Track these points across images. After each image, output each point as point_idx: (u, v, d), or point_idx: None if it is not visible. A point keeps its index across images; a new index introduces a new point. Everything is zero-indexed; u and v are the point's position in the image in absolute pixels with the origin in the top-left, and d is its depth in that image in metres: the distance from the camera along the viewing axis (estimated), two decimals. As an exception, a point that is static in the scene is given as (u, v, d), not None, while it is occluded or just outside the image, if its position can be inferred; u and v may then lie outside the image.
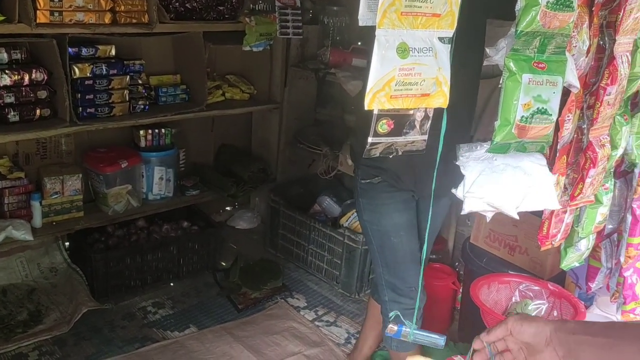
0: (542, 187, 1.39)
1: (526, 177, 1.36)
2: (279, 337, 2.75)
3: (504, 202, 1.34)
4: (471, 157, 1.40)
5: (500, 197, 1.34)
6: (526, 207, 1.39)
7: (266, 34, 3.19)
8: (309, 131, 3.61)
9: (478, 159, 1.39)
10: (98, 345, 2.61)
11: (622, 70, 1.37)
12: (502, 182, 1.35)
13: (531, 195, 1.38)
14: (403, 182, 1.95)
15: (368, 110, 1.00)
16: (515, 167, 1.37)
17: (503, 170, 1.36)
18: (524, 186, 1.36)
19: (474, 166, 1.38)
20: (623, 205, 1.79)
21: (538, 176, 1.38)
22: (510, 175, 1.35)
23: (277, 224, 3.45)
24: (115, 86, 2.81)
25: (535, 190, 1.38)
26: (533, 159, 1.39)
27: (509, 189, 1.35)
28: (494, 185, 1.34)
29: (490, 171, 1.36)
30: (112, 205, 2.93)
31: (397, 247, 2.01)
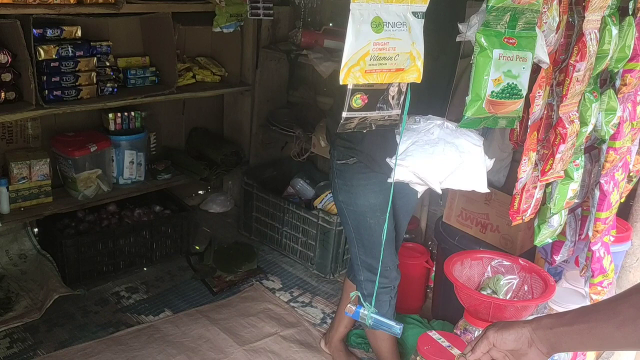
0: (472, 167, 1.38)
1: (458, 154, 1.36)
2: (255, 319, 2.76)
3: (429, 174, 1.34)
4: (409, 127, 1.40)
5: (426, 169, 1.33)
6: (452, 184, 1.38)
7: (236, 14, 3.15)
8: (281, 113, 3.60)
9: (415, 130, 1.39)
10: (71, 331, 2.58)
11: (590, 47, 1.40)
12: (431, 155, 1.34)
13: (460, 173, 1.37)
14: (377, 163, 1.96)
15: (343, 87, 1.00)
16: (448, 142, 1.36)
17: (435, 143, 1.36)
18: (454, 162, 1.35)
19: (409, 136, 1.37)
20: (587, 181, 1.83)
21: (470, 155, 1.37)
22: (441, 149, 1.34)
23: (250, 207, 3.44)
24: (82, 68, 2.75)
25: (464, 169, 1.37)
26: (469, 138, 1.38)
27: (436, 162, 1.34)
28: (423, 157, 1.33)
29: (423, 142, 1.35)
30: (81, 190, 2.88)
31: (372, 228, 2.02)
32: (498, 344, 1.10)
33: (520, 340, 1.07)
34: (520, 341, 1.07)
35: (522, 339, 1.07)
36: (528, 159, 1.46)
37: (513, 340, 1.08)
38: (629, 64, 1.63)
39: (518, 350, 1.08)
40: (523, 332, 1.07)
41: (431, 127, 1.30)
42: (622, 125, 1.70)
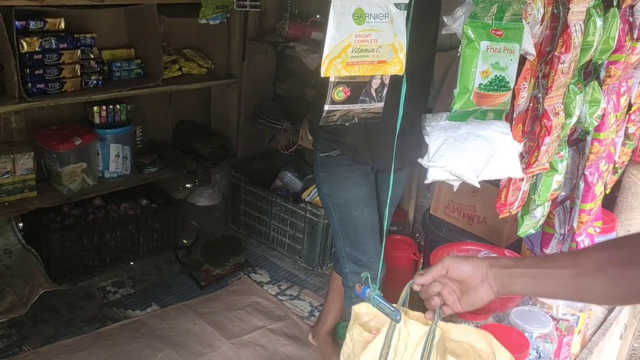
0: (504, 156, 1.39)
1: (489, 146, 1.36)
2: (243, 313, 2.75)
3: (465, 170, 1.34)
4: (436, 126, 1.40)
5: (461, 165, 1.34)
6: (488, 175, 1.39)
7: (223, 6, 3.13)
8: (269, 106, 3.58)
9: (443, 128, 1.39)
10: (57, 326, 2.56)
11: (575, 38, 1.39)
12: (464, 151, 1.34)
13: (493, 163, 1.37)
14: (361, 155, 1.96)
15: (325, 80, 0.99)
16: (477, 135, 1.37)
17: (465, 139, 1.36)
18: (486, 154, 1.35)
19: (437, 135, 1.37)
20: (575, 173, 1.84)
21: (501, 144, 1.38)
22: (472, 143, 1.34)
23: (238, 200, 3.43)
24: (65, 61, 2.72)
25: (497, 159, 1.37)
26: (496, 127, 1.39)
27: (471, 157, 1.34)
28: (456, 154, 1.34)
29: (454, 140, 1.36)
30: (66, 184, 2.85)
31: (357, 220, 2.02)
32: (451, 272, 1.09)
33: (475, 273, 1.07)
34: (474, 275, 1.07)
35: (476, 272, 1.06)
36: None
37: (468, 271, 1.07)
38: (614, 56, 1.63)
39: (469, 282, 1.07)
40: (479, 266, 1.07)
41: (457, 122, 1.29)
42: (607, 117, 1.70)
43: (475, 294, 1.08)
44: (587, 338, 2.13)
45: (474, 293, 1.08)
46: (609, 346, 2.20)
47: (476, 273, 1.07)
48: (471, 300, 1.09)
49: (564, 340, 1.84)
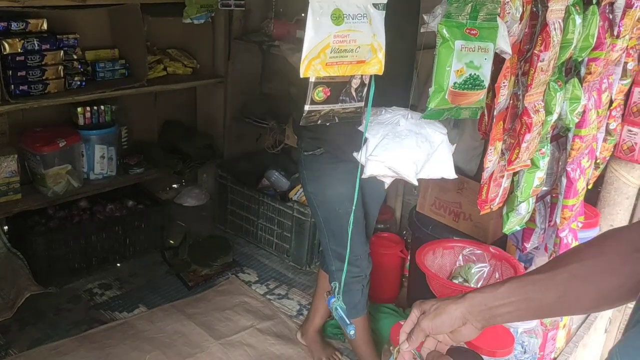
0: (440, 155, 1.39)
1: (428, 144, 1.36)
2: (231, 312, 2.75)
3: (405, 167, 1.33)
4: (375, 121, 1.39)
5: (401, 162, 1.33)
6: (426, 174, 1.39)
7: (207, 5, 3.12)
8: (255, 105, 3.57)
9: (382, 123, 1.39)
10: (44, 329, 2.55)
11: (554, 36, 1.40)
12: (404, 147, 1.34)
13: (432, 162, 1.38)
14: (345, 152, 1.96)
15: (305, 79, 0.99)
16: (417, 133, 1.37)
17: (406, 135, 1.36)
18: (426, 153, 1.36)
19: (377, 129, 1.37)
20: (555, 169, 1.86)
21: (438, 144, 1.38)
22: (412, 141, 1.34)
23: (225, 199, 3.42)
24: (48, 62, 2.70)
25: (435, 158, 1.38)
26: (435, 127, 1.39)
27: (411, 154, 1.34)
28: (396, 150, 1.33)
29: (394, 135, 1.35)
30: (51, 186, 2.83)
31: (342, 217, 2.02)
32: (434, 332, 1.07)
33: (454, 323, 1.06)
34: (454, 324, 1.06)
35: (456, 321, 1.05)
36: (494, 149, 1.47)
37: (448, 325, 1.06)
38: (594, 53, 1.65)
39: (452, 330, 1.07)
40: (455, 316, 1.05)
41: (397, 119, 1.30)
42: (588, 114, 1.72)
43: (460, 333, 1.08)
44: (572, 332, 2.15)
45: (459, 333, 1.08)
46: (593, 340, 2.22)
47: (456, 323, 1.06)
48: (459, 338, 1.09)
49: (549, 335, 1.86)
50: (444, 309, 1.05)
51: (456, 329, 1.06)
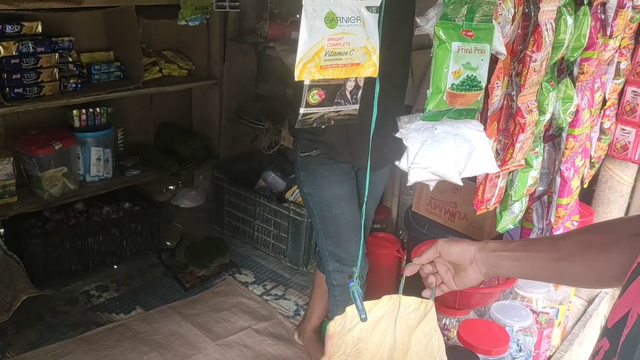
0: (481, 152, 1.41)
1: (467, 143, 1.38)
2: (228, 313, 2.76)
3: (448, 169, 1.35)
4: (412, 128, 1.41)
5: (444, 165, 1.35)
6: (469, 172, 1.41)
7: (202, 7, 3.12)
8: (250, 106, 3.58)
9: (419, 130, 1.41)
10: (40, 332, 2.55)
11: (546, 37, 1.42)
12: (444, 151, 1.36)
13: (473, 160, 1.40)
14: (341, 154, 1.97)
15: (300, 82, 1.00)
16: (455, 134, 1.38)
17: (444, 138, 1.37)
18: (466, 152, 1.38)
19: (415, 137, 1.39)
20: (552, 168, 1.87)
21: (477, 142, 1.40)
22: (451, 143, 1.36)
23: (222, 201, 3.42)
24: (43, 64, 2.70)
25: (476, 156, 1.40)
26: (471, 125, 1.40)
27: (452, 156, 1.36)
28: (437, 154, 1.35)
29: (432, 140, 1.37)
30: (47, 188, 2.83)
31: (338, 218, 2.03)
32: (444, 254, 1.17)
33: (464, 255, 1.15)
34: (463, 256, 1.15)
35: (466, 254, 1.15)
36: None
37: (458, 253, 1.15)
38: (586, 53, 1.66)
39: (459, 264, 1.16)
40: (468, 249, 1.15)
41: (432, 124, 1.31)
42: (581, 113, 1.74)
43: (465, 274, 1.17)
44: (567, 330, 2.17)
45: (464, 274, 1.17)
46: (589, 338, 2.24)
47: (465, 255, 1.15)
48: (463, 280, 1.18)
49: (544, 333, 1.87)
50: (461, 240, 1.18)
51: (462, 268, 1.15)
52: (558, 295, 1.97)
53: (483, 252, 1.14)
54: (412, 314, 1.27)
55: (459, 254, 1.15)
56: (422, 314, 1.26)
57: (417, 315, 1.27)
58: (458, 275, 1.19)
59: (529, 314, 1.76)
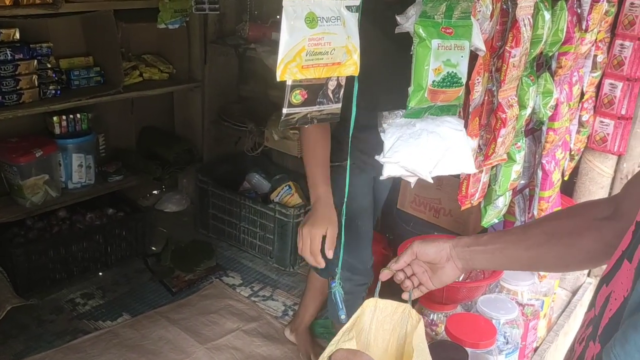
0: (458, 152, 1.42)
1: (442, 142, 1.39)
2: (216, 316, 2.75)
3: (418, 165, 1.37)
4: (392, 124, 1.43)
5: (414, 161, 1.36)
6: (442, 171, 1.42)
7: (181, 10, 3.10)
8: (233, 108, 3.57)
9: (398, 126, 1.42)
10: (26, 341, 2.52)
11: (525, 32, 1.43)
12: (417, 147, 1.37)
13: (447, 159, 1.41)
14: (366, 162, 1.91)
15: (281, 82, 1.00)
16: (431, 132, 1.40)
17: (419, 135, 1.39)
18: (439, 150, 1.39)
19: (392, 132, 1.40)
20: (533, 162, 1.89)
21: (454, 141, 1.41)
22: (425, 140, 1.37)
23: (206, 204, 3.41)
24: (22, 71, 2.67)
25: (450, 155, 1.41)
26: (449, 124, 1.42)
27: (423, 153, 1.37)
28: (410, 150, 1.36)
29: (408, 136, 1.39)
30: (29, 197, 2.80)
31: (360, 230, 2.01)
32: (420, 255, 1.20)
33: (439, 254, 1.18)
34: (439, 255, 1.18)
35: (441, 252, 1.18)
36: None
37: (433, 252, 1.18)
38: (564, 47, 1.68)
39: (436, 263, 1.19)
40: (443, 247, 1.18)
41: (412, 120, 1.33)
42: (560, 107, 1.76)
43: (443, 272, 1.19)
44: (553, 321, 2.20)
45: (442, 272, 1.20)
46: (574, 328, 2.27)
47: (441, 253, 1.18)
48: (441, 278, 1.21)
49: (530, 325, 1.89)
50: (435, 240, 1.20)
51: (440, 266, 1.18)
52: (543, 287, 2.00)
53: (457, 248, 1.17)
54: (389, 317, 1.28)
55: (435, 252, 1.18)
56: (400, 317, 1.27)
57: (393, 319, 1.28)
58: (435, 274, 1.21)
59: (514, 307, 1.78)
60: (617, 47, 2.14)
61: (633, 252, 0.65)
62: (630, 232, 0.70)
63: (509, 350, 1.72)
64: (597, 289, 0.74)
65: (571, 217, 1.07)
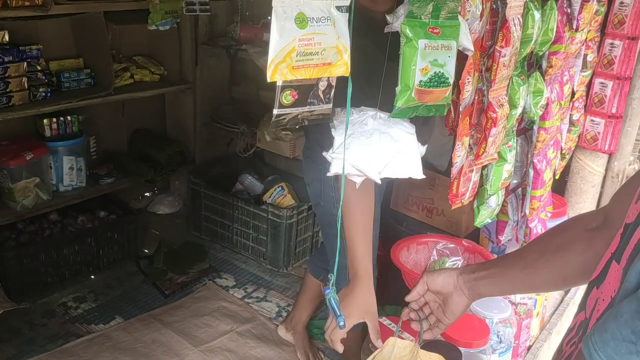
0: (408, 155, 1.40)
1: (393, 144, 1.36)
2: (210, 318, 2.74)
3: (367, 165, 1.35)
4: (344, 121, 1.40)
5: (363, 160, 1.34)
6: (390, 172, 1.39)
7: (172, 11, 3.09)
8: (225, 110, 3.56)
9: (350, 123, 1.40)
10: (18, 345, 2.50)
11: (514, 32, 1.44)
12: (367, 146, 1.35)
13: (397, 161, 1.38)
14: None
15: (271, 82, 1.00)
16: (383, 132, 1.38)
17: (371, 134, 1.37)
18: (391, 152, 1.37)
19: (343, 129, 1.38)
20: (524, 161, 1.90)
21: (405, 144, 1.39)
22: (376, 139, 1.35)
23: (199, 206, 3.40)
24: (12, 74, 2.65)
25: (401, 158, 1.39)
26: (402, 127, 1.40)
27: (374, 153, 1.35)
28: (360, 148, 1.35)
29: (359, 134, 1.37)
30: (19, 200, 2.78)
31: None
32: (430, 284, 1.23)
33: (447, 281, 1.20)
34: (447, 283, 1.20)
35: (449, 281, 1.20)
36: (462, 144, 1.50)
37: (441, 281, 1.21)
38: (554, 47, 1.69)
39: (445, 292, 1.21)
40: (451, 275, 1.20)
41: (365, 119, 1.31)
42: (551, 106, 1.77)
43: (452, 301, 1.21)
44: (546, 320, 2.20)
45: (451, 301, 1.21)
46: (566, 326, 2.27)
47: (448, 281, 1.20)
48: (452, 308, 1.22)
49: (523, 324, 1.90)
50: (444, 270, 1.23)
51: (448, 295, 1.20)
52: (536, 293, 2.01)
53: (463, 275, 1.19)
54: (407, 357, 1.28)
55: (443, 280, 1.20)
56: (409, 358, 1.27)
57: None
58: (447, 306, 1.22)
59: (507, 306, 1.78)
60: (607, 46, 2.15)
61: (621, 253, 0.66)
62: (618, 234, 0.70)
63: (503, 349, 1.73)
64: (587, 292, 0.74)
65: (562, 232, 1.09)
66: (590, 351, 0.60)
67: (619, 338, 0.58)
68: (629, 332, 0.57)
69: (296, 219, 3.10)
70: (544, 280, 1.07)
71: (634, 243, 0.64)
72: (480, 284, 1.15)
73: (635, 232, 0.65)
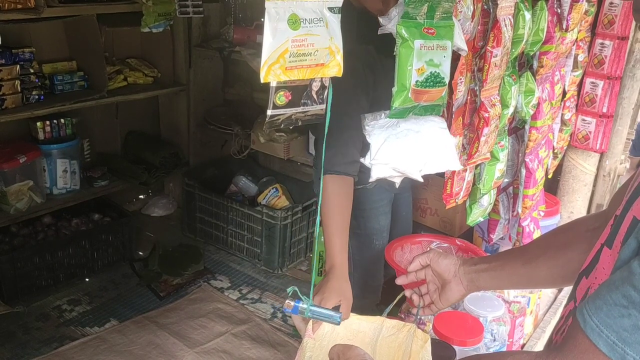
0: (443, 150, 1.44)
1: (428, 141, 1.42)
2: (205, 320, 2.74)
3: (408, 166, 1.39)
4: (376, 125, 1.44)
5: (404, 161, 1.39)
6: (430, 169, 1.45)
7: (165, 13, 3.09)
8: (218, 112, 3.57)
9: (382, 127, 1.43)
10: (13, 349, 2.49)
11: (505, 32, 1.45)
12: (405, 147, 1.40)
13: (433, 157, 1.43)
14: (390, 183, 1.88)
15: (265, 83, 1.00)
16: (417, 131, 1.42)
17: (406, 135, 1.41)
18: (426, 149, 1.42)
19: (378, 134, 1.41)
20: (516, 160, 1.91)
21: (439, 139, 1.43)
22: (412, 140, 1.40)
23: (193, 207, 3.40)
24: (4, 77, 2.65)
25: (436, 153, 1.43)
26: (433, 123, 1.44)
27: (412, 153, 1.40)
28: (398, 151, 1.39)
29: (395, 138, 1.40)
30: (13, 203, 2.78)
31: (376, 249, 1.99)
32: (433, 263, 1.26)
33: (449, 268, 1.23)
34: (448, 269, 1.23)
35: (450, 267, 1.23)
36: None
37: (445, 265, 1.24)
38: (545, 47, 1.70)
39: (444, 277, 1.24)
40: (454, 263, 1.23)
41: (395, 121, 1.34)
42: (542, 105, 1.78)
43: (449, 288, 1.24)
44: (539, 318, 2.21)
45: (448, 287, 1.24)
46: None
47: (450, 268, 1.23)
48: (448, 295, 1.25)
49: (517, 322, 1.91)
50: (449, 255, 1.26)
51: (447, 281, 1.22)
52: (534, 288, 2.02)
53: (465, 266, 1.21)
54: (394, 335, 1.30)
55: (446, 265, 1.23)
56: (405, 336, 1.29)
57: (399, 337, 1.30)
58: (444, 291, 1.25)
59: (501, 304, 1.79)
60: (597, 46, 2.17)
61: (612, 239, 0.68)
62: (609, 226, 0.72)
63: (496, 347, 1.73)
64: (576, 282, 0.76)
65: (565, 231, 1.12)
66: (584, 318, 0.63)
67: (610, 303, 0.61)
68: (620, 296, 0.60)
69: (291, 220, 3.10)
70: (544, 276, 1.10)
71: (626, 227, 0.67)
72: (480, 276, 1.18)
73: (624, 219, 0.68)
